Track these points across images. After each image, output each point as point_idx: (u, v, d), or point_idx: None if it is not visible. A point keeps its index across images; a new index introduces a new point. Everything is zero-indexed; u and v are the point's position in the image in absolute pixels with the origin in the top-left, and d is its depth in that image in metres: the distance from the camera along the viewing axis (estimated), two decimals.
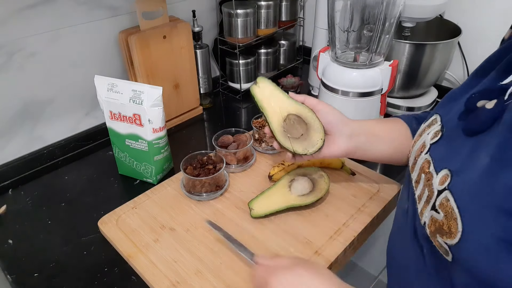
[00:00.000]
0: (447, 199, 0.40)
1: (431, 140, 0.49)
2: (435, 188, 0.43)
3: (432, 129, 0.50)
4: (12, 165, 0.84)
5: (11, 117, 0.82)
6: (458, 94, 0.51)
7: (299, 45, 1.37)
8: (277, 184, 0.75)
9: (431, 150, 0.48)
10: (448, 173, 0.42)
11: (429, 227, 0.43)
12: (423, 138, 0.52)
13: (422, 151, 0.50)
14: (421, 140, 0.52)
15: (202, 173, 0.76)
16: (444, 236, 0.40)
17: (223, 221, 0.71)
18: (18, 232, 0.73)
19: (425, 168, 0.47)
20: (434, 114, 0.52)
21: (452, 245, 0.39)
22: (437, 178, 0.44)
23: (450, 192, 0.40)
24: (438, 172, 0.44)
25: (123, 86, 0.76)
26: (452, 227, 0.39)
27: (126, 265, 0.66)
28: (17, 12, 0.76)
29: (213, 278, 0.61)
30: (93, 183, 0.84)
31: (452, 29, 0.99)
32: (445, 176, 0.42)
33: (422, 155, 0.49)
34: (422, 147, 0.50)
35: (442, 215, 0.40)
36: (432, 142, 0.48)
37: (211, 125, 1.07)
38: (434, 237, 0.42)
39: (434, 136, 0.49)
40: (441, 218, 0.40)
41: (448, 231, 0.39)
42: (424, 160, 0.48)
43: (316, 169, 0.77)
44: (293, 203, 0.71)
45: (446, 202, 0.40)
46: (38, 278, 0.64)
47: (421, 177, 0.47)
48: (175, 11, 1.02)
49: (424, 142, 0.51)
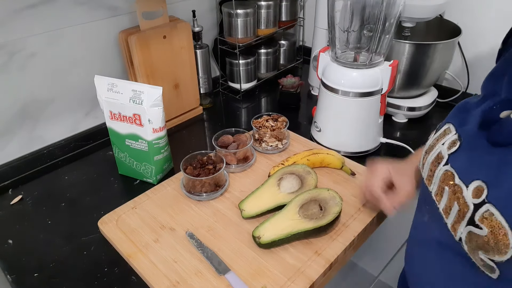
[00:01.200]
0: (490, 213, 0.38)
1: (448, 151, 0.47)
2: (470, 201, 0.41)
3: (447, 139, 0.48)
4: (12, 165, 0.84)
5: (11, 117, 0.82)
6: (472, 105, 0.49)
7: (299, 45, 1.37)
8: (266, 184, 0.75)
9: (451, 160, 0.46)
10: (482, 184, 0.40)
11: (466, 243, 0.41)
12: (437, 148, 0.49)
13: (440, 162, 0.47)
14: (436, 151, 0.49)
15: (202, 173, 0.76)
16: (490, 253, 0.38)
17: (223, 221, 0.71)
18: (18, 232, 0.73)
19: (448, 180, 0.45)
20: (446, 124, 0.50)
21: (502, 262, 0.37)
22: (468, 191, 0.41)
23: (493, 205, 0.38)
24: (469, 185, 0.42)
25: (123, 86, 0.76)
26: (500, 243, 0.36)
27: (126, 265, 0.66)
28: (17, 12, 0.76)
29: (213, 278, 0.61)
30: (93, 183, 0.84)
31: (452, 29, 0.99)
32: (479, 188, 0.40)
33: (440, 166, 0.47)
34: (439, 158, 0.48)
35: (486, 231, 0.38)
36: (450, 152, 0.46)
37: (211, 125, 1.07)
38: (475, 254, 0.40)
39: (451, 146, 0.46)
40: (486, 233, 0.38)
41: (496, 247, 0.37)
42: (443, 172, 0.46)
43: (303, 166, 0.77)
44: (283, 201, 0.72)
45: (490, 216, 0.38)
46: (38, 278, 0.64)
47: (444, 190, 0.45)
48: (175, 11, 1.02)
49: (440, 152, 0.48)
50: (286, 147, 0.90)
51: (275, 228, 0.66)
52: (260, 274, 0.61)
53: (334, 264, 0.64)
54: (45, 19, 0.80)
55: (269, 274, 0.61)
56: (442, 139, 0.49)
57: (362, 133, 0.88)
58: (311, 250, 0.65)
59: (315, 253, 0.65)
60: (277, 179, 0.76)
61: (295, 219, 0.67)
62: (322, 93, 0.90)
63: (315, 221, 0.66)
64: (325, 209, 0.68)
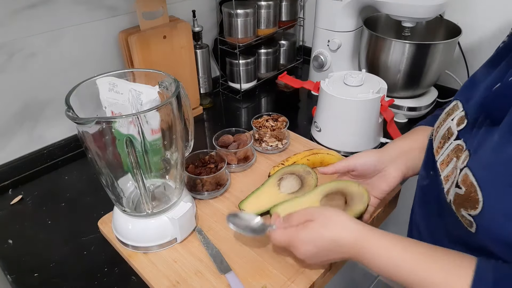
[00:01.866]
0: (467, 175, 0.44)
1: (457, 127, 0.51)
2: (458, 167, 0.47)
3: (456, 115, 0.53)
4: (12, 165, 0.84)
5: (11, 117, 0.82)
6: (477, 79, 0.54)
7: (299, 45, 1.37)
8: (266, 184, 0.75)
9: (461, 135, 0.50)
10: (468, 153, 0.46)
11: (453, 203, 0.46)
12: (447, 123, 0.54)
13: (450, 137, 0.52)
14: (446, 126, 0.54)
15: (203, 172, 0.76)
16: (468, 209, 0.44)
17: (223, 221, 0.71)
18: (18, 232, 0.73)
19: (459, 152, 0.49)
20: (454, 100, 0.55)
21: (476, 215, 0.43)
22: (460, 160, 0.47)
23: (469, 168, 0.44)
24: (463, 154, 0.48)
25: (123, 86, 0.76)
26: (473, 199, 0.43)
27: (126, 265, 0.66)
28: (17, 12, 0.76)
29: (213, 278, 0.61)
30: (93, 183, 0.84)
31: (452, 29, 0.99)
32: (466, 156, 0.46)
33: (451, 140, 0.52)
34: (449, 134, 0.53)
35: (464, 190, 0.44)
36: (460, 129, 0.51)
37: (211, 125, 1.07)
38: (459, 211, 0.45)
39: (460, 123, 0.51)
40: (463, 192, 0.44)
41: (471, 203, 0.43)
42: (455, 146, 0.51)
43: (303, 166, 0.77)
44: (283, 201, 0.71)
45: (466, 178, 0.44)
46: (38, 278, 0.64)
47: (452, 160, 0.50)
48: (175, 11, 1.02)
49: (449, 128, 0.53)
50: (286, 147, 0.90)
51: (293, 208, 0.64)
52: (260, 274, 0.61)
53: (334, 264, 0.64)
54: (45, 19, 0.80)
55: (269, 274, 0.61)
56: (451, 115, 0.54)
57: (362, 133, 0.88)
58: None
59: None
60: (277, 179, 0.76)
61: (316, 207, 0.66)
62: (322, 93, 0.90)
63: None
64: (349, 204, 0.66)
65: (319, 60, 1.14)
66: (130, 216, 0.66)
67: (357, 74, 0.89)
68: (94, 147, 0.59)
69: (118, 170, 0.63)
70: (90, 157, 0.60)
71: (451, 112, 0.54)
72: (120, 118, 0.58)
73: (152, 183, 0.71)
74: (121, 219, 0.66)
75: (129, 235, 0.66)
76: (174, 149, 0.66)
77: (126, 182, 0.67)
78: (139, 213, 0.65)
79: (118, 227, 0.67)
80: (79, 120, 0.53)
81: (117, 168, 0.63)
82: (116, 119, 0.58)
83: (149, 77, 0.70)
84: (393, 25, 1.10)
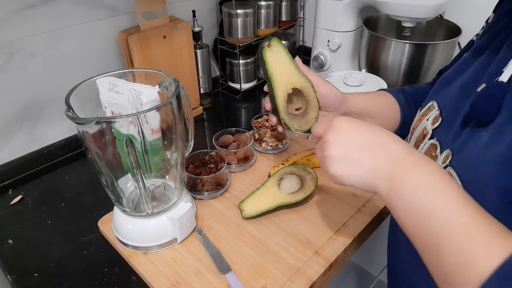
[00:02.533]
0: (449, 174, 0.42)
1: (432, 126, 0.51)
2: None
3: (431, 115, 0.52)
4: (12, 165, 0.84)
5: (11, 117, 0.82)
6: (451, 78, 0.54)
7: (299, 45, 1.37)
8: (266, 184, 0.75)
9: (436, 135, 0.50)
10: (450, 152, 0.45)
11: None
12: (422, 124, 0.53)
13: (425, 137, 0.52)
14: (421, 126, 0.53)
15: (203, 172, 0.76)
16: None
17: (223, 221, 0.71)
18: (18, 232, 0.73)
19: (432, 152, 0.49)
20: (430, 101, 0.54)
21: None
22: (440, 159, 0.46)
23: (452, 168, 0.43)
24: (442, 153, 0.47)
25: (123, 86, 0.76)
26: None
27: (126, 265, 0.66)
28: (17, 12, 0.76)
29: (213, 278, 0.61)
30: (93, 183, 0.84)
31: (452, 29, 0.99)
32: (447, 155, 0.45)
33: (426, 140, 0.51)
34: (424, 134, 0.52)
35: None
36: (434, 127, 0.50)
37: (211, 125, 1.07)
38: None
39: (435, 122, 0.51)
40: None
41: None
42: (429, 145, 0.50)
43: (303, 166, 0.77)
44: (283, 201, 0.72)
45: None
46: (38, 278, 0.64)
47: None
48: (175, 11, 1.02)
49: (425, 128, 0.53)
50: (286, 147, 0.90)
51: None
52: (260, 274, 0.61)
53: (334, 264, 0.64)
54: (45, 19, 0.80)
55: (269, 274, 0.61)
56: (427, 115, 0.54)
57: None
58: (311, 250, 0.65)
59: (315, 253, 0.65)
60: (277, 179, 0.76)
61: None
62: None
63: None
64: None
65: (319, 60, 1.14)
66: (130, 216, 0.66)
67: (357, 74, 0.89)
68: (94, 147, 0.59)
69: (118, 170, 0.63)
70: (90, 157, 0.60)
71: (427, 112, 0.54)
72: (120, 118, 0.58)
73: (152, 183, 0.71)
74: (121, 219, 0.66)
75: (129, 235, 0.66)
76: (174, 149, 0.66)
77: (126, 182, 0.67)
78: (139, 213, 0.65)
79: (118, 227, 0.67)
80: (79, 120, 0.53)
81: (117, 168, 0.63)
82: (116, 119, 0.58)
83: (149, 77, 0.70)
84: (393, 25, 1.10)
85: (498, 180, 0.39)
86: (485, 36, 0.53)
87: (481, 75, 0.48)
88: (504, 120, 0.40)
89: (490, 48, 0.49)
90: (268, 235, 0.68)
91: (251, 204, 0.72)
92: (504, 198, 0.38)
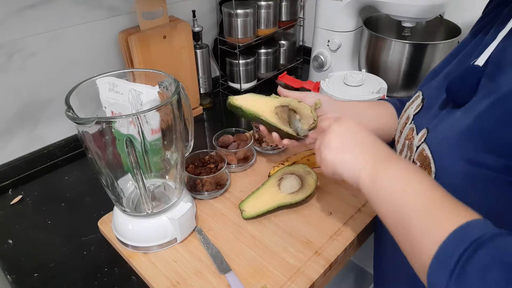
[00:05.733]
0: (423, 149, 0.47)
1: (414, 112, 0.55)
2: (415, 145, 0.50)
3: (415, 103, 0.56)
4: (12, 165, 0.84)
5: (11, 117, 0.82)
6: (438, 70, 0.57)
7: (299, 45, 1.37)
8: (266, 184, 0.75)
9: (415, 119, 0.54)
10: (425, 131, 0.49)
11: None
12: (407, 112, 0.57)
13: (407, 123, 0.56)
14: (406, 115, 0.57)
15: (203, 172, 0.76)
16: None
17: (223, 221, 0.71)
18: (18, 232, 0.73)
19: (409, 135, 0.53)
20: (417, 92, 0.58)
21: None
22: (416, 138, 0.50)
23: (426, 144, 0.47)
24: (418, 133, 0.50)
25: (123, 86, 0.76)
26: (427, 171, 0.45)
27: (126, 265, 0.66)
28: (17, 12, 0.76)
29: (213, 278, 0.61)
30: (93, 183, 0.84)
31: (452, 29, 0.99)
32: (423, 134, 0.49)
33: (407, 125, 0.55)
34: (406, 120, 0.56)
35: (418, 164, 0.47)
36: (415, 112, 0.54)
37: (211, 125, 1.07)
38: None
39: (416, 108, 0.55)
40: (418, 166, 0.47)
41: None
42: (408, 130, 0.54)
43: (303, 166, 0.77)
44: (283, 201, 0.72)
45: (422, 152, 0.47)
46: (38, 278, 0.64)
47: (405, 144, 0.53)
48: (175, 11, 1.02)
49: (408, 115, 0.57)
50: (286, 147, 0.90)
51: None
52: (260, 274, 0.61)
53: (334, 264, 0.64)
54: (45, 19, 0.80)
55: (269, 274, 0.61)
56: (411, 104, 0.57)
57: None
58: (311, 250, 0.65)
59: (315, 253, 0.65)
60: (277, 179, 0.76)
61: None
62: (322, 93, 0.90)
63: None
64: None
65: (319, 60, 1.14)
66: (130, 216, 0.66)
67: (357, 74, 0.89)
68: (94, 147, 0.59)
69: (118, 170, 0.63)
70: (90, 157, 0.60)
71: (413, 102, 0.57)
72: (120, 118, 0.58)
73: (152, 183, 0.71)
74: (121, 219, 0.66)
75: (129, 235, 0.66)
76: (174, 149, 0.66)
77: (126, 182, 0.67)
78: (139, 213, 0.65)
79: (118, 227, 0.67)
80: (79, 120, 0.53)
81: (117, 168, 0.63)
82: (116, 119, 0.58)
83: (149, 77, 0.70)
84: (393, 25, 1.10)
85: (463, 150, 0.41)
86: (470, 32, 0.55)
87: (463, 65, 0.50)
88: (477, 100, 0.43)
89: (474, 41, 0.52)
90: (268, 235, 0.68)
91: (251, 204, 0.72)
92: (469, 167, 0.41)
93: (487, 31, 0.50)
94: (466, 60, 0.51)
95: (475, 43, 0.51)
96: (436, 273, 0.36)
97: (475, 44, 0.51)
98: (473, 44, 0.52)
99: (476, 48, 0.50)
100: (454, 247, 0.35)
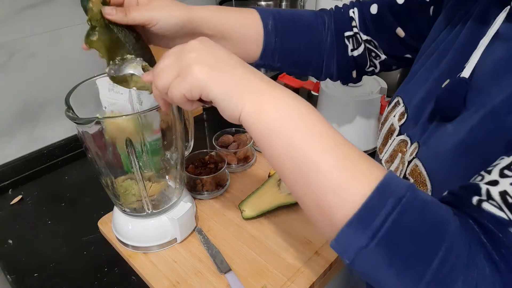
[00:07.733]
0: (416, 165, 0.45)
1: (399, 122, 0.52)
2: (406, 160, 0.48)
3: (397, 111, 0.54)
4: (12, 165, 0.84)
5: (11, 117, 0.82)
6: (413, 72, 0.55)
7: None
8: (266, 184, 0.75)
9: (404, 130, 0.51)
10: (417, 145, 0.47)
11: None
12: (390, 121, 0.55)
13: (392, 133, 0.53)
14: (389, 123, 0.55)
15: (203, 172, 0.77)
16: None
17: (223, 221, 0.71)
18: (18, 232, 0.73)
19: (403, 148, 0.50)
20: (396, 97, 0.55)
21: None
22: (408, 153, 0.48)
23: (419, 159, 0.45)
24: (410, 147, 0.49)
25: None
26: (421, 189, 0.43)
27: (126, 265, 0.66)
28: (17, 12, 0.76)
29: (213, 278, 0.61)
30: (93, 183, 0.84)
31: None
32: (415, 148, 0.47)
33: (394, 136, 0.53)
34: (391, 130, 0.54)
35: (412, 181, 0.45)
36: (400, 124, 0.52)
37: (211, 125, 1.07)
38: None
39: (401, 118, 0.52)
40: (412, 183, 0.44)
41: None
42: (399, 141, 0.51)
43: None
44: (283, 201, 0.72)
45: (415, 168, 0.45)
46: (38, 278, 0.64)
47: (397, 156, 0.51)
48: None
49: (392, 124, 0.54)
50: None
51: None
52: (260, 274, 0.61)
53: (334, 264, 0.64)
54: (45, 19, 0.80)
55: (269, 274, 0.61)
56: (392, 111, 0.55)
57: (362, 133, 0.88)
58: (311, 250, 0.65)
59: (315, 253, 0.65)
60: (277, 179, 0.76)
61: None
62: (322, 93, 0.90)
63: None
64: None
65: None
66: (130, 216, 0.66)
67: None
68: (94, 147, 0.59)
69: (118, 170, 0.63)
70: (90, 157, 0.60)
71: (393, 109, 0.55)
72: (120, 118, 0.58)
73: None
74: (121, 219, 0.66)
75: (129, 235, 0.66)
76: (174, 149, 0.66)
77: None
78: (139, 213, 0.65)
79: (118, 227, 0.67)
80: (79, 120, 0.53)
81: (117, 168, 0.63)
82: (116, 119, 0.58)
83: None
84: None
85: (459, 168, 0.40)
86: (445, 30, 0.52)
87: (447, 68, 0.48)
88: (469, 114, 0.42)
89: (447, 40, 0.50)
90: (268, 235, 0.68)
91: (251, 204, 0.72)
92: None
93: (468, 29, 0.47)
94: (439, 61, 0.49)
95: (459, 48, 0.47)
96: (354, 233, 0.33)
97: (459, 48, 0.47)
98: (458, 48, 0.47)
99: (462, 54, 0.45)
100: (378, 204, 0.32)
